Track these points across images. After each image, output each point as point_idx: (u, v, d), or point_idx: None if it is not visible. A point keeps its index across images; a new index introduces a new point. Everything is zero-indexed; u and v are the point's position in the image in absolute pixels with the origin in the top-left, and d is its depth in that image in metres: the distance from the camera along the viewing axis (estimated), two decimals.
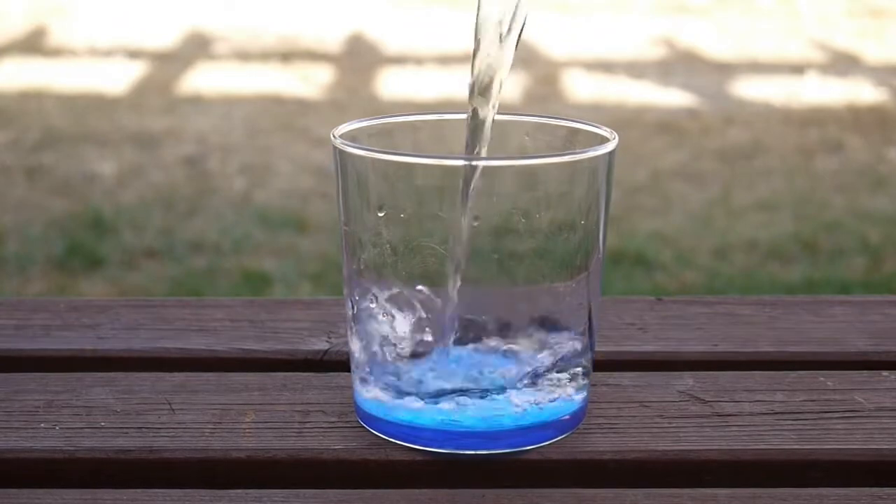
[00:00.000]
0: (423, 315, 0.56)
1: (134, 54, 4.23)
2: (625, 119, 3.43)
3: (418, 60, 4.19)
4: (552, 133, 0.61)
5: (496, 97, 0.58)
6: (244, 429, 0.59)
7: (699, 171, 3.02)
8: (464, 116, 0.60)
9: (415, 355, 0.56)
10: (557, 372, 0.57)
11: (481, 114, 0.58)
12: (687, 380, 0.64)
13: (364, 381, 0.58)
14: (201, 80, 3.93)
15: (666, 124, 3.43)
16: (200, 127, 3.36)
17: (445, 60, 4.16)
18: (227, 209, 2.68)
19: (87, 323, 0.71)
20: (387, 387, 0.57)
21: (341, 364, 0.64)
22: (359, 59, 4.27)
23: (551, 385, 0.57)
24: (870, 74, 4.10)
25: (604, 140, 0.58)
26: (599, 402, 0.61)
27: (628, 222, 2.58)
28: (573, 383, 0.58)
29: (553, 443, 0.58)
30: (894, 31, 4.83)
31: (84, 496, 0.54)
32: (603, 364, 0.64)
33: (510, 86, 3.64)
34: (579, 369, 0.58)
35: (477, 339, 0.56)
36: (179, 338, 0.69)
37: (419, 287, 0.56)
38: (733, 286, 2.27)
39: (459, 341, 0.56)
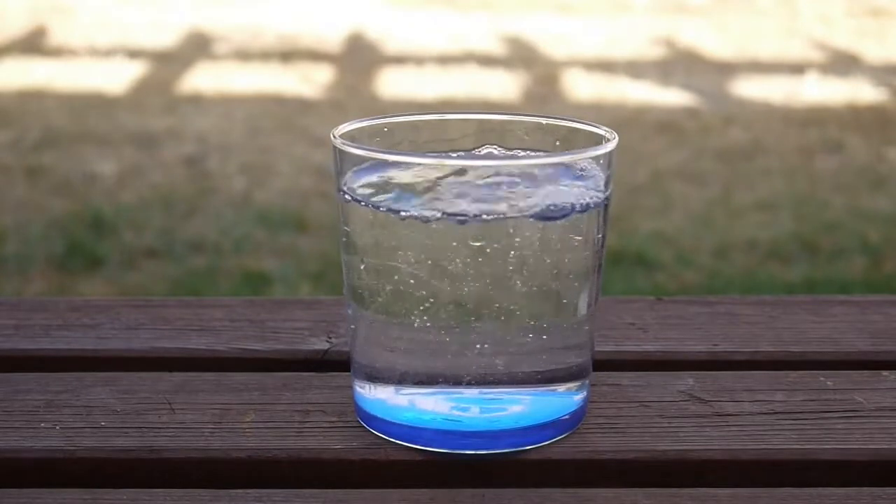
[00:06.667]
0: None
1: (134, 54, 4.24)
2: (625, 119, 3.43)
3: (418, 60, 4.19)
4: (552, 133, 0.61)
5: None
6: (244, 429, 0.59)
7: (699, 171, 3.01)
8: (464, 116, 0.60)
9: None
10: (558, 375, 0.57)
11: None
12: (687, 380, 0.64)
13: (365, 378, 0.58)
14: (201, 80, 3.93)
15: (666, 124, 3.43)
16: (200, 127, 3.36)
17: (445, 60, 4.16)
18: (227, 209, 2.68)
19: (87, 323, 0.71)
20: (388, 379, 0.57)
21: (341, 364, 0.64)
22: (359, 59, 4.27)
23: (550, 384, 0.57)
24: (870, 74, 4.11)
25: (604, 140, 0.58)
26: (599, 402, 0.61)
27: (628, 222, 2.58)
28: (572, 383, 0.58)
29: (553, 443, 0.58)
30: (894, 31, 4.83)
31: (84, 496, 0.54)
32: (603, 364, 0.64)
33: (510, 86, 3.64)
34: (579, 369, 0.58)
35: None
36: (179, 338, 0.69)
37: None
38: (733, 286, 2.27)
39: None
